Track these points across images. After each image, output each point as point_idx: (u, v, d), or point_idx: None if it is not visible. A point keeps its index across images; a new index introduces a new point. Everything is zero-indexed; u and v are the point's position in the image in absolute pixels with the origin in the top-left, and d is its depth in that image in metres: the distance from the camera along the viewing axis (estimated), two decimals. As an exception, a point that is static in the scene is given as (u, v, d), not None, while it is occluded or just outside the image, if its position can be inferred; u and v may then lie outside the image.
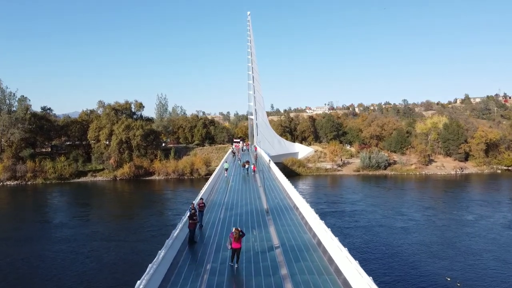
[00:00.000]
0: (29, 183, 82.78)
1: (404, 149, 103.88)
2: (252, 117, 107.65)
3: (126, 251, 35.74)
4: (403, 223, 44.75)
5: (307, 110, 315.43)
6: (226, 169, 46.10)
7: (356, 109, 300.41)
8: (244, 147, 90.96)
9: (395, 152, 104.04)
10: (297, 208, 24.47)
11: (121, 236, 41.34)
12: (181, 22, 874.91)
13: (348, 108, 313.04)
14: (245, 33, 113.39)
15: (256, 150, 78.85)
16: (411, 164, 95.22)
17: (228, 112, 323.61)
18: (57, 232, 43.12)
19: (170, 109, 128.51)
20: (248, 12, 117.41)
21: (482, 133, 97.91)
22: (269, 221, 21.97)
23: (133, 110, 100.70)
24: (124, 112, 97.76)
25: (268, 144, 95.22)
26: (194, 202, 21.02)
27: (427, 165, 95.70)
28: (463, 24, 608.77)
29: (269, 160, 49.52)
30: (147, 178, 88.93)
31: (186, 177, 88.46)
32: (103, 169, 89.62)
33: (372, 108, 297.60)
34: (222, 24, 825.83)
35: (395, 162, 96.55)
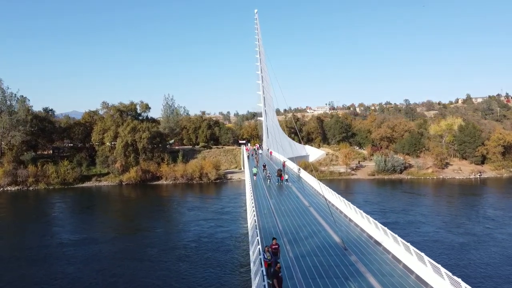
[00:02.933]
0: (30, 188, 78.85)
1: (418, 151, 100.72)
2: (262, 118, 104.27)
3: (137, 270, 32.14)
4: (472, 239, 40.39)
5: (308, 110, 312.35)
6: (255, 174, 45.05)
7: (357, 109, 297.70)
8: (261, 151, 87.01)
9: (408, 154, 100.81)
10: (377, 243, 20.18)
11: (130, 252, 37.63)
12: (182, 22, 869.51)
13: (348, 108, 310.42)
14: (245, 33, 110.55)
15: (271, 154, 75.20)
16: (427, 168, 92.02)
17: (228, 112, 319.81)
18: (61, 249, 39.24)
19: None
20: (256, 10, 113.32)
21: (499, 135, 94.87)
22: (358, 266, 17.32)
23: (138, 111, 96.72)
24: (129, 114, 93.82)
25: (279, 147, 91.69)
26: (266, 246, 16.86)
27: (443, 168, 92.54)
28: (463, 24, 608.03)
29: (299, 169, 45.86)
30: (154, 183, 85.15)
31: (195, 182, 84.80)
32: (108, 173, 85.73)
33: (373, 108, 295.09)
34: (222, 24, 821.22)
35: (410, 166, 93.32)
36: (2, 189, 77.51)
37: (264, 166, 44.75)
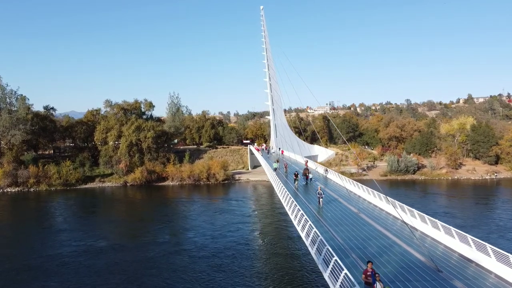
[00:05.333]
0: (31, 190, 75.72)
1: (430, 151, 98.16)
2: (270, 117, 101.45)
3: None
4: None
5: (308, 110, 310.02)
6: (275, 169, 45.87)
7: (358, 109, 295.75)
8: (273, 150, 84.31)
9: (419, 155, 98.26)
10: (469, 260, 17.08)
11: (155, 260, 34.73)
12: (181, 22, 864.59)
13: (349, 108, 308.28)
14: (245, 33, 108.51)
15: (283, 153, 72.44)
16: (440, 168, 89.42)
17: (228, 112, 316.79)
18: (75, 258, 36.31)
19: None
20: (261, 7, 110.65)
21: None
22: None
23: (142, 109, 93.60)
24: (133, 112, 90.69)
25: (288, 146, 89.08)
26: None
27: (456, 169, 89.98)
28: (464, 24, 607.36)
29: (326, 170, 42.87)
30: (160, 184, 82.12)
31: (202, 183, 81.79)
32: (111, 174, 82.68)
33: (373, 108, 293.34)
34: (222, 23, 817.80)
35: (423, 166, 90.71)
36: (2, 190, 74.39)
37: (307, 170, 40.59)
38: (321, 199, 27.58)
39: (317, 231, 17.93)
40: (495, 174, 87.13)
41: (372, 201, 29.09)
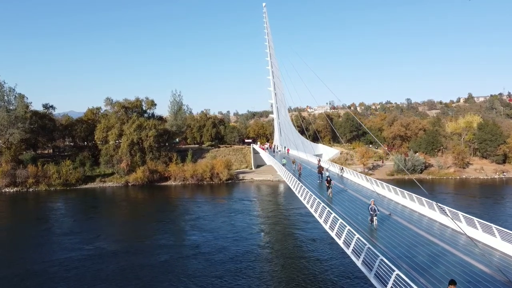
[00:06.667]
0: (30, 190, 73.75)
1: (436, 150, 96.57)
2: (274, 115, 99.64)
3: None
4: None
5: (308, 109, 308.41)
6: (284, 165, 47.32)
7: (358, 108, 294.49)
8: (278, 149, 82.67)
9: (425, 154, 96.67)
10: None
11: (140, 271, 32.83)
12: (181, 22, 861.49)
13: (349, 107, 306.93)
14: (244, 33, 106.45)
15: (288, 152, 70.71)
16: (448, 167, 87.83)
17: (228, 112, 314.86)
18: (83, 262, 34.32)
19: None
20: (264, 4, 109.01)
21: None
22: None
23: (144, 108, 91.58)
24: (134, 110, 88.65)
25: (292, 145, 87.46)
26: None
27: (464, 168, 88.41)
28: (465, 24, 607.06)
29: (342, 169, 41.02)
30: (162, 183, 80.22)
31: (205, 183, 79.92)
32: (112, 174, 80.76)
33: (373, 107, 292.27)
34: (222, 23, 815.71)
35: (430, 165, 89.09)
36: (0, 190, 72.35)
37: (322, 168, 38.62)
38: (375, 218, 21.19)
39: (360, 237, 15.96)
40: (504, 173, 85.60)
41: (400, 202, 27.23)
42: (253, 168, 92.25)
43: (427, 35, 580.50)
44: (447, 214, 20.42)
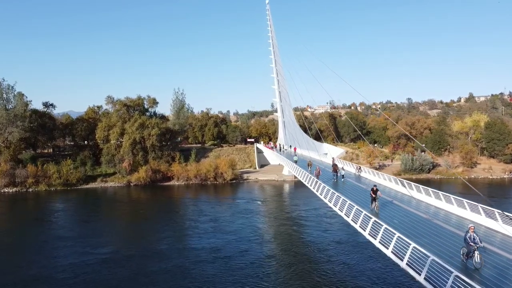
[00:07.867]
0: (30, 190, 71.84)
1: (442, 149, 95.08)
2: (278, 114, 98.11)
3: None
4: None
5: (308, 109, 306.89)
6: (296, 162, 49.24)
7: (358, 108, 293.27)
8: (285, 148, 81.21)
9: (432, 153, 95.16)
10: None
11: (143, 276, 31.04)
12: (181, 22, 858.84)
13: (349, 107, 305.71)
14: (245, 33, 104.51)
15: (295, 151, 69.14)
16: (456, 167, 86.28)
17: (228, 111, 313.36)
18: (77, 269, 32.35)
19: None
20: (267, 1, 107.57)
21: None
22: None
23: (146, 106, 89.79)
24: (136, 109, 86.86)
25: (296, 144, 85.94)
26: None
27: (472, 167, 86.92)
28: (465, 23, 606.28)
29: (359, 168, 39.46)
30: (165, 183, 78.45)
31: (209, 183, 78.15)
32: (114, 174, 78.98)
33: (374, 107, 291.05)
34: (222, 23, 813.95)
35: (437, 165, 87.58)
36: (-2, 191, 70.59)
37: (336, 166, 37.13)
38: (477, 254, 14.39)
39: (418, 247, 14.06)
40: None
41: (431, 203, 25.35)
42: (257, 168, 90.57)
43: (427, 35, 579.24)
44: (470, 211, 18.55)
